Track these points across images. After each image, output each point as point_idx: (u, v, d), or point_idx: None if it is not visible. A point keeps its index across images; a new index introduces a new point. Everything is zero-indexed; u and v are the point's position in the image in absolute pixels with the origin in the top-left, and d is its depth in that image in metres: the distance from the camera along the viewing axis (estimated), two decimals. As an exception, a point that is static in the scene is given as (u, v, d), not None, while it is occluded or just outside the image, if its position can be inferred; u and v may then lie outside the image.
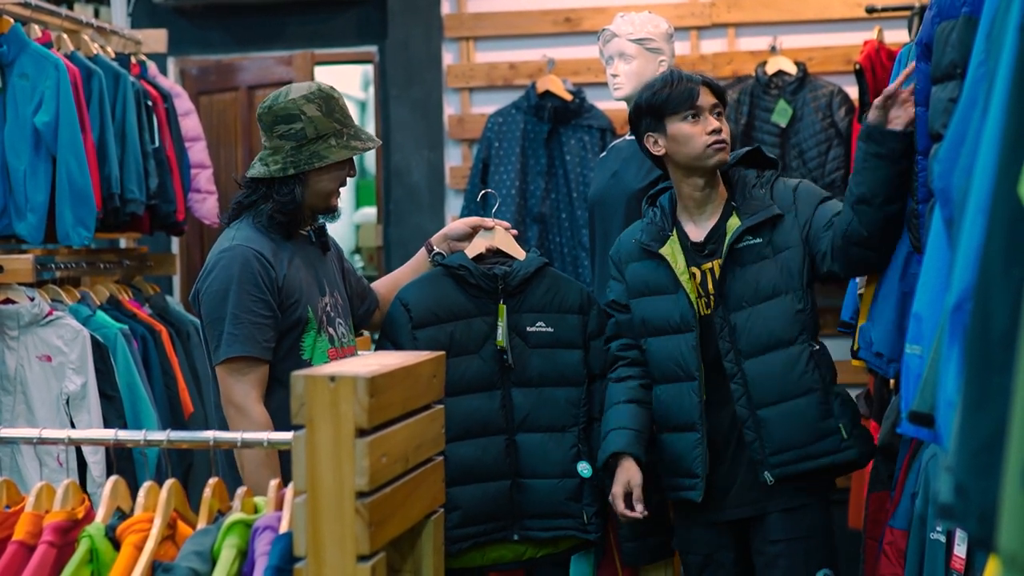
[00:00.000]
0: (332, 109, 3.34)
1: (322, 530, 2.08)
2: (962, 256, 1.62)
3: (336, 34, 6.84)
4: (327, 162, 3.30)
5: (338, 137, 3.32)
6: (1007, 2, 1.75)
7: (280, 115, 3.31)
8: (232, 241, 3.29)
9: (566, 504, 3.52)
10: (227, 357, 3.18)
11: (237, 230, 3.33)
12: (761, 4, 6.13)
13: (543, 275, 3.60)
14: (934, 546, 2.87)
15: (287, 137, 3.31)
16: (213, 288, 3.23)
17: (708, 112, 3.43)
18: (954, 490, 1.38)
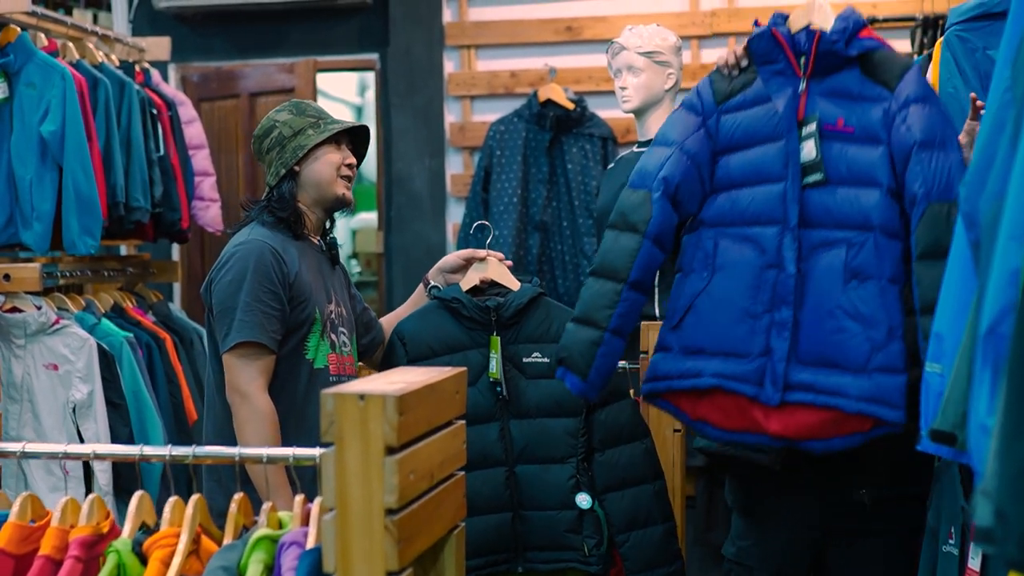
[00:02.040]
0: (303, 109, 3.51)
1: (351, 546, 2.10)
2: (995, 280, 1.64)
3: (338, 41, 6.86)
4: (307, 147, 3.41)
5: (315, 127, 3.46)
6: (1035, 29, 1.77)
7: (260, 135, 3.50)
8: (248, 235, 3.37)
9: (566, 536, 3.48)
10: (236, 342, 3.23)
11: (252, 228, 3.42)
12: (761, 14, 6.13)
13: (538, 305, 3.55)
14: (947, 559, 2.89)
15: (271, 148, 3.46)
16: (227, 278, 3.29)
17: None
18: (994, 515, 1.40)
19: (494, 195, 6.06)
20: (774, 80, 3.05)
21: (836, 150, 2.97)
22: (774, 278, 2.98)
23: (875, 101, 2.94)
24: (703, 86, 3.19)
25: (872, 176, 2.94)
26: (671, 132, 3.18)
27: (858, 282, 2.91)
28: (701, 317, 3.06)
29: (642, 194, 3.12)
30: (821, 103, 2.98)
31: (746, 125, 3.08)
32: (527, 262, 5.99)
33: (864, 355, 2.87)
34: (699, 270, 3.09)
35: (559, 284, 6.00)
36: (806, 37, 3.01)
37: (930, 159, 2.82)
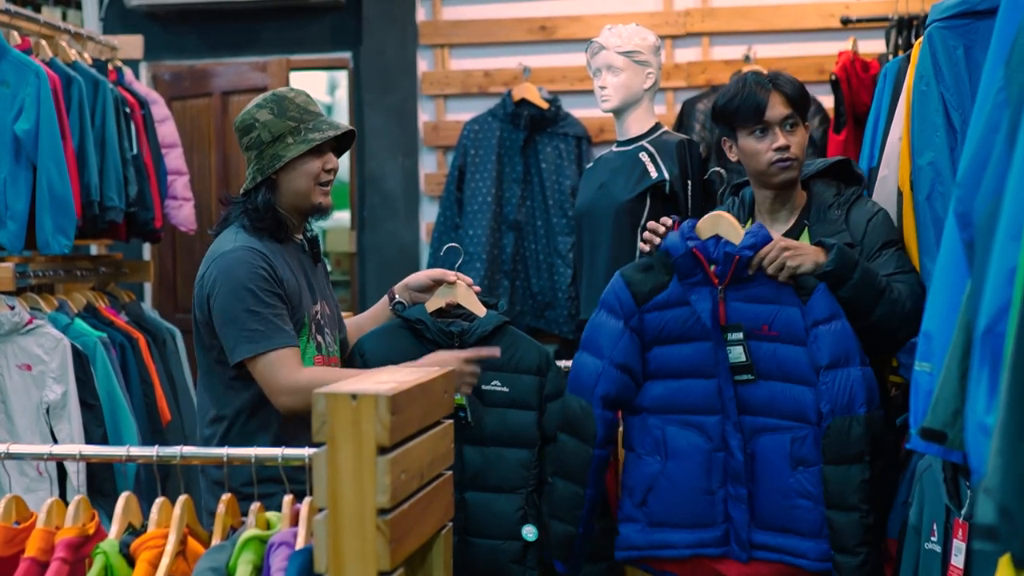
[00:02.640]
0: (284, 109, 3.34)
1: (343, 546, 2.09)
2: (993, 279, 1.65)
3: (311, 40, 6.84)
4: (284, 160, 3.30)
5: (295, 134, 3.32)
6: (1029, 30, 1.78)
7: (241, 128, 3.38)
8: (233, 243, 3.28)
9: (509, 567, 3.45)
10: (256, 353, 3.16)
11: (235, 234, 3.33)
12: (735, 14, 6.18)
13: (502, 333, 3.51)
14: (929, 556, 2.91)
15: (250, 147, 3.36)
16: (224, 290, 3.21)
17: (777, 126, 3.34)
18: (999, 513, 1.40)
19: (468, 194, 6.05)
20: (693, 289, 3.25)
21: (766, 350, 3.21)
22: (723, 459, 3.26)
23: (794, 307, 3.19)
24: (619, 288, 3.33)
25: (803, 375, 3.19)
26: (599, 340, 3.34)
27: (804, 468, 3.19)
28: (662, 496, 3.31)
29: (584, 406, 3.33)
30: (743, 308, 3.22)
31: (672, 323, 3.29)
32: (501, 261, 5.99)
33: (817, 524, 3.17)
34: (652, 454, 3.33)
35: (533, 283, 6.00)
36: (717, 248, 3.20)
37: (834, 380, 3.12)
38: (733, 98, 3.38)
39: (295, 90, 3.41)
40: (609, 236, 4.24)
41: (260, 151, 3.33)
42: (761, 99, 3.34)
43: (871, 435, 3.15)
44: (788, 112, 3.35)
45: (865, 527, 3.12)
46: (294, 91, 3.41)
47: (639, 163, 4.28)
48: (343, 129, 3.39)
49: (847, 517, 3.12)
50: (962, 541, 2.78)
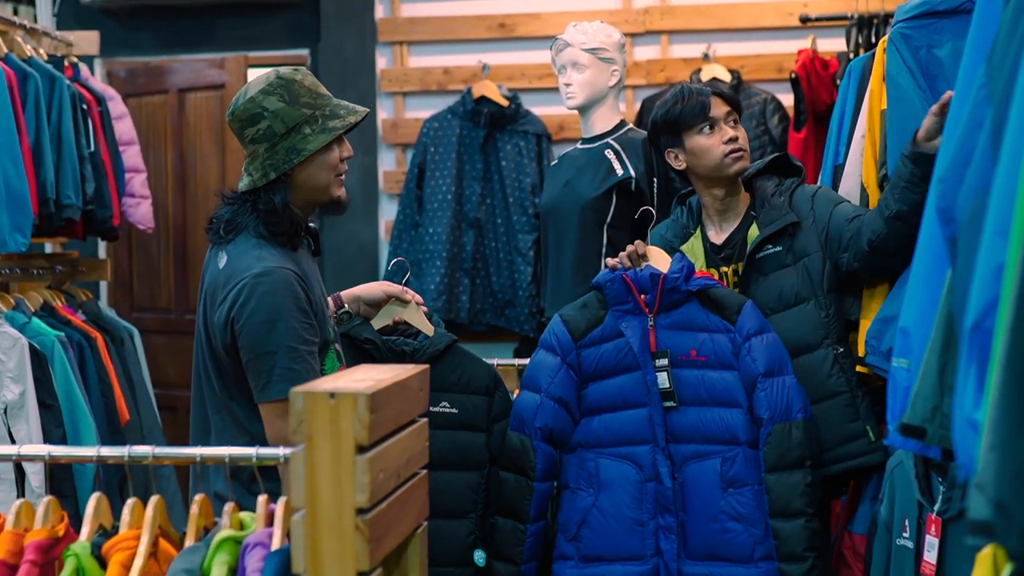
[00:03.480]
0: (296, 95, 3.00)
1: (322, 547, 2.07)
2: (980, 276, 1.65)
3: (268, 37, 6.79)
4: (305, 155, 2.98)
5: (312, 123, 3.00)
6: (1011, 26, 1.79)
7: (244, 118, 3.01)
8: (264, 263, 2.97)
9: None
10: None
11: (257, 248, 3.02)
12: (695, 12, 6.19)
13: (451, 353, 3.46)
14: (901, 552, 2.92)
15: (258, 140, 3.00)
16: (258, 319, 2.90)
17: (723, 121, 3.50)
18: (993, 508, 1.41)
19: (428, 192, 6.03)
20: (624, 318, 3.40)
21: (695, 376, 3.37)
22: (654, 489, 3.36)
23: (722, 332, 3.34)
24: (557, 326, 3.47)
25: (732, 398, 3.33)
26: (537, 376, 3.47)
27: (735, 489, 3.30)
28: (595, 529, 3.41)
29: (524, 440, 3.43)
30: (671, 336, 3.36)
31: (607, 357, 3.43)
32: (461, 259, 5.97)
33: (748, 548, 3.28)
34: (585, 488, 3.44)
35: (493, 281, 5.98)
36: (649, 279, 3.36)
37: (772, 387, 3.26)
38: (675, 104, 3.52)
39: (301, 71, 3.07)
40: (575, 233, 4.24)
41: (272, 144, 2.98)
42: (703, 99, 3.50)
43: (810, 440, 3.21)
44: (729, 109, 3.53)
45: (811, 532, 3.18)
46: (300, 72, 3.07)
47: (604, 160, 4.29)
48: (362, 113, 3.08)
49: (792, 524, 3.19)
50: (935, 537, 2.80)
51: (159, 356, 6.61)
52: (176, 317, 6.75)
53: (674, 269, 3.35)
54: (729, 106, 3.52)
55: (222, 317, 2.96)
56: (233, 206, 3.09)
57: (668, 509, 3.34)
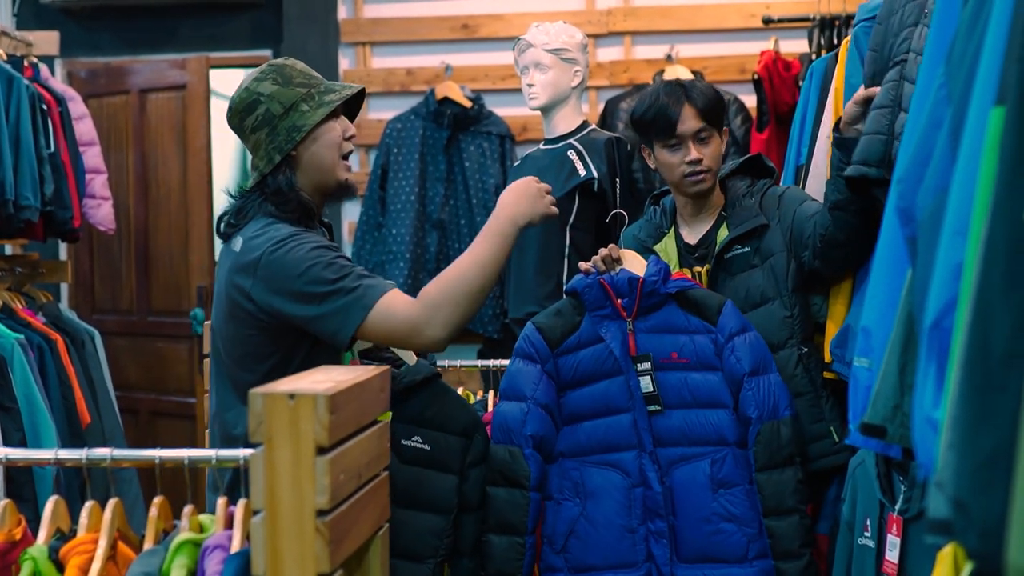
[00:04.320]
0: (289, 77, 2.97)
1: (282, 549, 2.05)
2: (939, 274, 1.65)
3: (231, 38, 6.76)
4: (306, 130, 2.93)
5: (308, 100, 2.96)
6: (970, 25, 1.79)
7: (242, 109, 2.97)
8: (273, 232, 2.90)
9: None
10: (367, 313, 2.79)
11: (265, 224, 2.93)
12: (657, 13, 6.20)
13: (431, 386, 3.23)
14: (863, 551, 2.93)
15: (258, 127, 2.95)
16: (291, 276, 2.81)
17: (690, 140, 3.42)
18: (952, 506, 1.40)
19: (391, 193, 6.02)
20: (603, 323, 3.33)
21: (678, 379, 3.29)
22: (642, 495, 3.29)
23: (703, 333, 3.29)
24: (532, 334, 3.38)
25: (717, 399, 3.27)
26: (520, 385, 3.36)
27: (725, 489, 3.24)
28: (583, 539, 3.32)
29: (513, 450, 3.30)
30: (651, 339, 3.30)
31: (585, 364, 3.36)
32: (425, 260, 5.96)
33: (742, 548, 3.22)
34: (571, 498, 3.35)
35: (457, 283, 5.96)
36: (627, 283, 3.30)
37: (759, 386, 3.22)
38: (647, 110, 3.48)
39: (290, 59, 3.06)
40: (537, 234, 4.23)
41: (272, 127, 2.94)
42: (673, 113, 3.43)
43: (798, 437, 3.21)
44: (700, 125, 3.44)
45: (805, 528, 3.16)
46: (290, 60, 3.06)
47: (567, 161, 4.28)
48: (356, 88, 3.06)
49: (787, 521, 3.16)
50: (896, 536, 2.80)
51: (121, 358, 6.57)
52: (138, 319, 6.70)
53: (651, 272, 3.30)
54: (703, 120, 3.43)
55: (265, 298, 2.85)
56: (241, 200, 3.02)
57: (658, 514, 3.28)
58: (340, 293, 2.79)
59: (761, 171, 3.59)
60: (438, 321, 2.82)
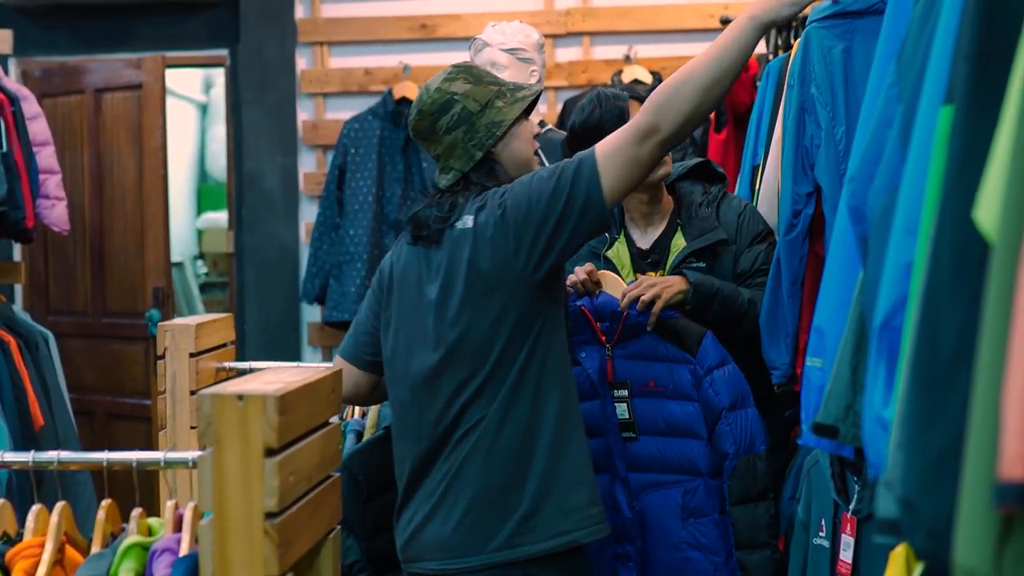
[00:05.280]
0: (480, 76, 3.05)
1: (230, 552, 2.03)
2: (889, 273, 1.65)
3: (187, 37, 6.71)
4: (506, 125, 2.99)
5: (501, 97, 3.02)
6: (920, 24, 1.79)
7: (435, 110, 3.00)
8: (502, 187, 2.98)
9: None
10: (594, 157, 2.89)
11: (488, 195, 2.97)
12: (616, 13, 6.20)
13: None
14: (818, 551, 2.92)
15: (454, 127, 2.99)
16: (534, 182, 2.91)
17: None
18: (901, 506, 1.40)
19: (349, 194, 5.99)
20: (581, 348, 3.34)
21: (654, 406, 3.31)
22: (612, 519, 3.27)
23: (681, 363, 3.29)
24: None
25: (692, 429, 3.28)
26: None
27: (695, 519, 3.27)
28: None
29: None
30: (629, 366, 3.31)
31: None
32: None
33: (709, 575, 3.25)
34: None
35: (415, 284, 5.94)
36: (611, 313, 3.31)
37: (736, 420, 3.23)
38: (593, 111, 3.48)
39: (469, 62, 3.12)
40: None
41: (470, 124, 2.98)
42: (621, 104, 3.45)
43: (772, 471, 3.22)
44: None
45: (775, 562, 3.19)
46: (467, 62, 3.15)
47: (524, 162, 4.27)
48: (540, 87, 3.15)
49: (759, 555, 3.19)
50: (850, 536, 2.80)
51: (75, 360, 6.51)
52: (93, 320, 6.65)
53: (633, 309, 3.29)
54: None
55: (529, 241, 2.88)
56: (443, 197, 3.03)
57: (626, 538, 3.29)
58: (564, 172, 2.86)
59: (711, 176, 3.58)
60: (668, 118, 2.82)
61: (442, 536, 2.94)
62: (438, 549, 2.95)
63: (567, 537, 2.91)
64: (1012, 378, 1.16)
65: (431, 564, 2.97)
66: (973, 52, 1.35)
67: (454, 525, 2.93)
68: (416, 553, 3.02)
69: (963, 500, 1.26)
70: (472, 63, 3.06)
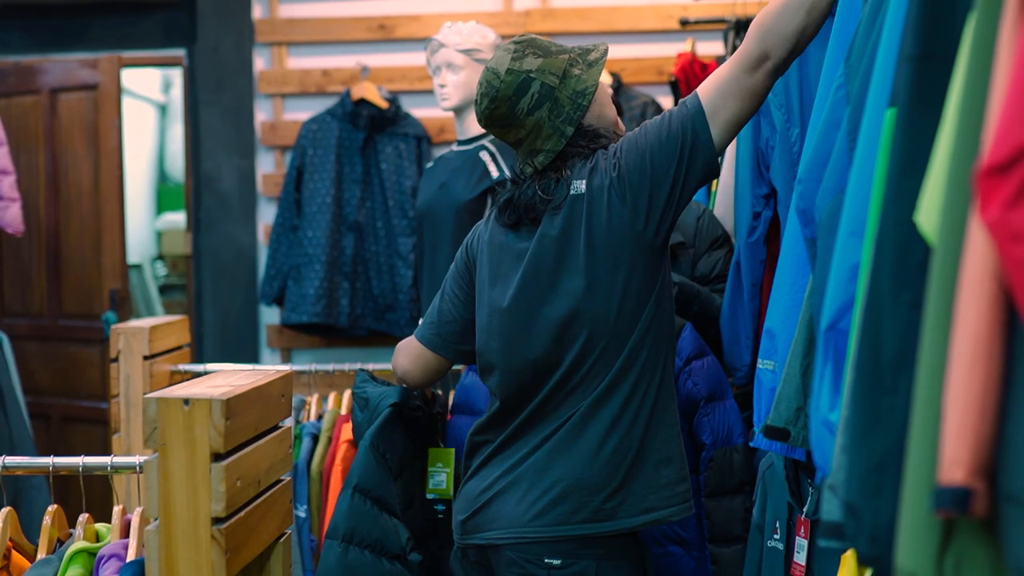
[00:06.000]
0: (547, 47, 2.84)
1: (177, 558, 2.01)
2: (835, 276, 1.65)
3: (143, 36, 6.66)
4: (591, 91, 2.82)
5: (575, 64, 2.84)
6: (868, 27, 1.79)
7: (511, 93, 2.80)
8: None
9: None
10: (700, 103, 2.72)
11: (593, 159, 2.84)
12: (575, 14, 6.19)
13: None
14: (772, 554, 2.92)
15: (537, 106, 2.80)
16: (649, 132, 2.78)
17: None
18: (844, 510, 1.40)
19: (307, 195, 5.95)
20: None
21: None
22: None
23: None
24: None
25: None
26: (474, 399, 3.41)
27: None
28: None
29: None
30: None
31: None
32: (341, 263, 5.90)
33: (689, 571, 3.27)
34: None
35: (374, 285, 5.93)
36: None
37: (714, 412, 3.24)
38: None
39: (526, 34, 2.94)
40: (450, 236, 4.20)
41: (554, 99, 2.80)
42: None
43: (749, 464, 3.21)
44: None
45: None
46: (527, 34, 2.94)
47: (480, 163, 4.26)
48: (605, 45, 2.94)
49: (732, 549, 3.19)
50: (804, 538, 2.80)
51: (31, 363, 6.46)
52: (49, 323, 6.59)
53: None
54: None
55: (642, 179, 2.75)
56: (544, 177, 2.86)
57: None
58: (672, 121, 2.73)
59: None
60: (777, 42, 2.61)
61: (523, 509, 2.78)
62: (513, 520, 2.79)
63: (654, 515, 2.78)
64: (952, 382, 1.16)
65: (501, 533, 2.80)
66: (916, 54, 1.35)
67: (546, 499, 2.76)
68: (484, 523, 2.85)
69: (904, 504, 1.26)
70: (534, 37, 2.88)
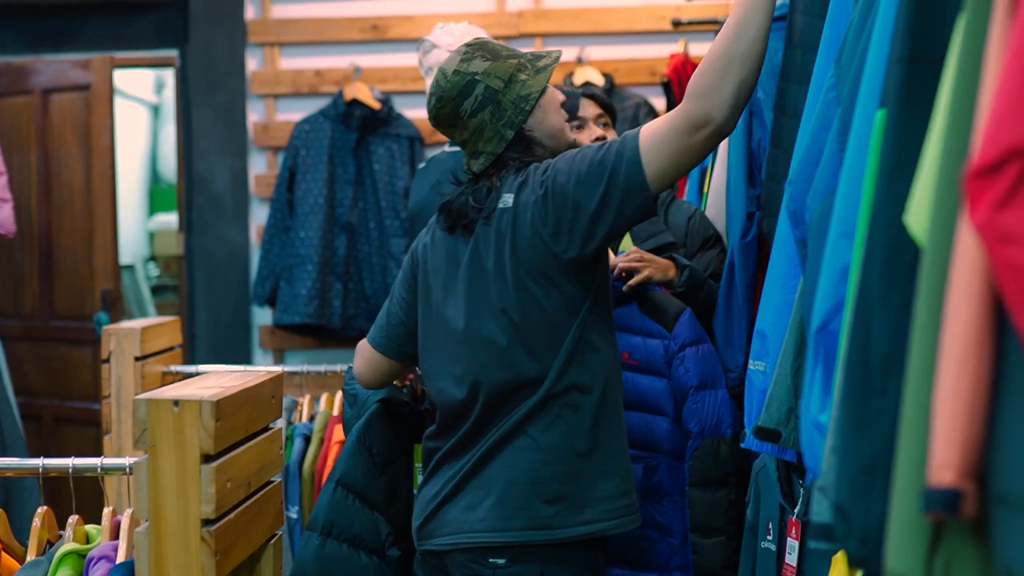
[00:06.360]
0: (496, 51, 2.89)
1: (167, 560, 2.01)
2: (825, 277, 1.64)
3: (136, 37, 6.65)
4: (534, 97, 2.85)
5: (523, 70, 2.87)
6: (858, 28, 1.79)
7: (456, 94, 2.86)
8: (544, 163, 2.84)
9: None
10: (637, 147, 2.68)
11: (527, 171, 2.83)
12: (568, 15, 6.19)
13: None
14: (765, 555, 2.92)
15: (480, 108, 2.85)
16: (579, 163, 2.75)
17: (592, 122, 3.47)
18: (834, 511, 1.39)
19: (299, 196, 5.95)
20: None
21: (625, 379, 3.24)
22: None
23: (656, 337, 3.28)
24: None
25: (659, 406, 3.27)
26: None
27: (655, 498, 3.24)
28: None
29: None
30: None
31: None
32: (334, 264, 5.90)
33: (664, 557, 3.24)
34: None
35: (366, 286, 5.92)
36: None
37: (703, 400, 3.22)
38: None
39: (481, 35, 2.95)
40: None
41: (497, 103, 2.84)
42: (574, 100, 3.45)
43: (736, 457, 3.20)
44: (600, 111, 3.51)
45: (731, 550, 3.17)
46: (480, 37, 3.02)
47: (472, 163, 4.25)
48: (558, 52, 2.97)
49: (713, 541, 3.17)
50: (795, 539, 2.80)
51: (23, 364, 6.45)
52: (40, 323, 6.58)
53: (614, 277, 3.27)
54: (601, 108, 3.50)
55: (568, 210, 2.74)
56: (479, 183, 2.89)
57: None
58: (606, 157, 2.69)
59: None
60: (717, 103, 2.58)
61: (467, 514, 2.82)
62: (458, 525, 2.82)
63: (592, 527, 2.81)
64: (942, 384, 1.15)
65: (449, 539, 2.84)
66: (906, 55, 1.35)
67: (487, 504, 2.80)
68: (434, 529, 2.89)
69: (894, 506, 1.25)
70: (488, 40, 2.91)
